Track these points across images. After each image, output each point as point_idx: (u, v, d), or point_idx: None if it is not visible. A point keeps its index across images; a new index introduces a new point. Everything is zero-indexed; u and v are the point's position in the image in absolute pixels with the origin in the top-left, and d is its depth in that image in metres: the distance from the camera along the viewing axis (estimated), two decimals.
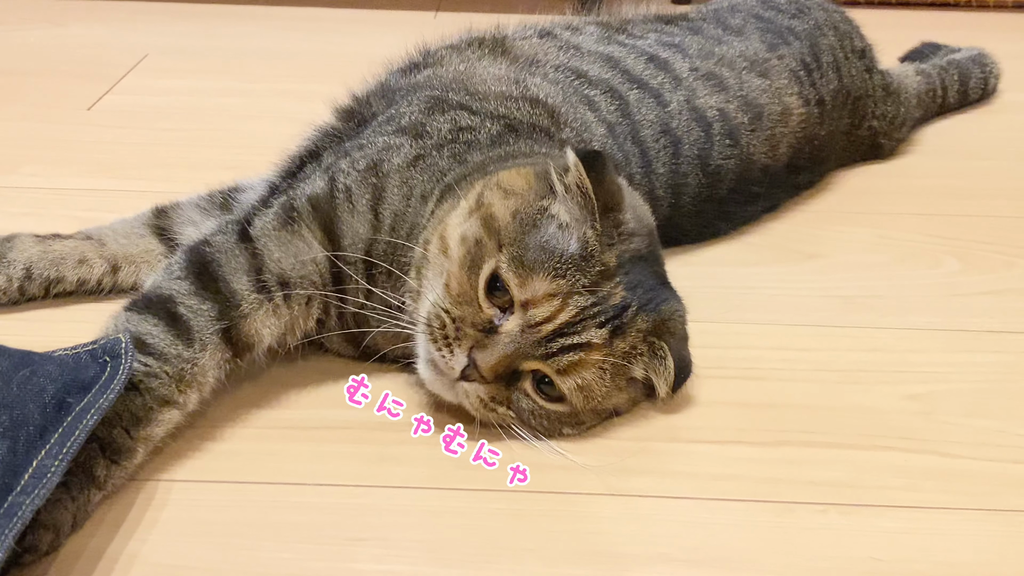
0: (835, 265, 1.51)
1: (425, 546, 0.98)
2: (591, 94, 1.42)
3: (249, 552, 0.96)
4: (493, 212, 1.09)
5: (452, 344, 1.06)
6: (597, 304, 1.05)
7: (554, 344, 1.04)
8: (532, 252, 1.05)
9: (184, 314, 1.08)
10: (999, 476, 1.09)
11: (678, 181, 1.44)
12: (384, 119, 1.31)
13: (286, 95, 2.03)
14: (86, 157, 1.75)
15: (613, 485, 1.06)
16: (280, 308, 1.12)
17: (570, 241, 1.06)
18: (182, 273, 1.12)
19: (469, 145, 1.23)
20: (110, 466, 0.98)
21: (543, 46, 1.51)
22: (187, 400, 1.05)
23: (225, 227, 1.18)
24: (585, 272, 1.05)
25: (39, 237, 1.33)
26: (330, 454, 1.09)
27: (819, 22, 1.69)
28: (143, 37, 2.40)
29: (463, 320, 1.05)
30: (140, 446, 1.01)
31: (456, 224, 1.10)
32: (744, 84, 1.53)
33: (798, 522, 1.02)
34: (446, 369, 1.07)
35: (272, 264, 1.13)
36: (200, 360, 1.06)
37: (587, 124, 1.37)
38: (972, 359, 1.29)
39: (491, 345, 1.04)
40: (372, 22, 2.63)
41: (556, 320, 1.04)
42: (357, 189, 1.18)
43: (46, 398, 0.91)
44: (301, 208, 1.17)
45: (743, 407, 1.18)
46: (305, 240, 1.15)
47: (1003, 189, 1.76)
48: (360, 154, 1.23)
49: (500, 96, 1.34)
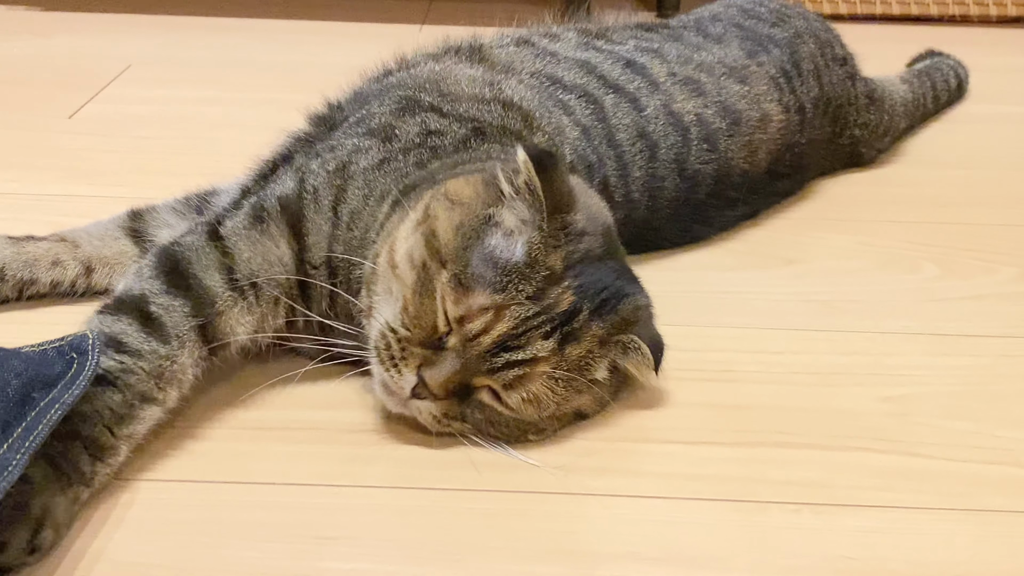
0: (814, 271, 1.51)
1: (394, 544, 0.97)
2: (566, 98, 1.41)
3: (215, 551, 0.95)
4: (435, 228, 1.07)
5: (399, 364, 1.05)
6: (541, 313, 1.03)
7: (499, 359, 1.03)
8: (473, 266, 1.03)
9: (157, 312, 1.08)
10: (973, 477, 1.08)
11: (655, 184, 1.43)
12: (356, 120, 1.31)
13: (269, 104, 2.00)
14: (65, 164, 1.74)
15: (584, 485, 1.05)
16: (253, 306, 1.12)
17: (515, 249, 1.04)
18: (153, 273, 1.12)
19: (435, 150, 1.23)
20: (94, 463, 0.98)
21: (520, 54, 1.51)
22: (167, 397, 1.05)
23: (195, 228, 1.19)
24: (529, 279, 1.03)
25: (13, 239, 1.32)
26: (300, 454, 1.08)
27: (799, 30, 1.69)
28: (127, 48, 2.39)
29: (409, 340, 1.04)
30: (123, 444, 1.01)
31: (403, 237, 1.09)
32: (722, 90, 1.53)
33: (770, 521, 1.01)
34: (396, 389, 1.06)
35: (242, 264, 1.13)
36: (179, 357, 1.06)
37: (561, 128, 1.36)
38: (949, 362, 1.29)
39: (439, 362, 1.03)
40: (357, 35, 2.63)
41: (493, 332, 1.02)
42: (323, 190, 1.19)
43: (10, 392, 0.90)
44: (271, 208, 1.17)
45: (717, 408, 1.18)
46: (273, 239, 1.16)
47: (983, 197, 1.76)
48: (330, 155, 1.23)
49: (473, 98, 1.34)
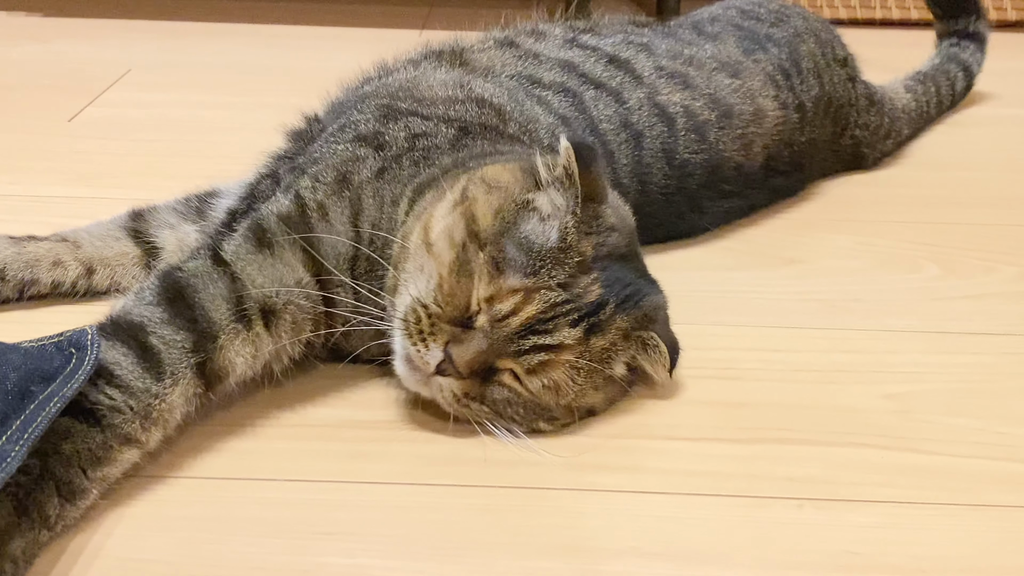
0: (815, 270, 1.50)
1: (395, 540, 0.96)
2: (543, 95, 1.42)
3: (215, 546, 0.95)
4: (475, 211, 1.08)
5: (427, 339, 1.05)
6: (570, 301, 1.05)
7: (526, 342, 1.04)
8: (510, 249, 1.05)
9: (156, 345, 1.02)
10: (976, 472, 1.08)
11: (642, 171, 1.44)
12: (336, 128, 1.30)
13: (267, 108, 1.97)
14: (64, 166, 1.74)
15: (585, 481, 1.05)
16: (261, 337, 1.08)
17: (550, 233, 1.06)
18: (154, 299, 1.06)
19: (428, 150, 1.22)
20: (63, 506, 0.93)
21: (501, 56, 1.51)
22: (149, 439, 1.00)
23: (196, 253, 1.13)
24: (562, 264, 1.05)
25: (14, 239, 1.32)
26: (301, 451, 1.08)
27: (799, 30, 1.70)
28: (126, 53, 2.39)
29: (440, 316, 1.05)
30: (95, 487, 0.96)
31: (440, 216, 1.10)
32: (712, 83, 1.53)
33: (772, 516, 1.01)
34: (421, 364, 1.06)
35: (255, 291, 1.07)
36: (169, 396, 1.00)
37: (534, 117, 1.37)
38: (951, 360, 1.28)
39: (467, 340, 1.04)
40: (358, 39, 2.63)
41: (521, 314, 1.03)
42: (331, 203, 1.16)
43: (8, 386, 0.90)
44: (273, 228, 1.13)
45: (719, 406, 1.18)
46: (287, 263, 1.11)
47: (984, 198, 1.76)
48: (320, 167, 1.20)
49: (447, 100, 1.34)
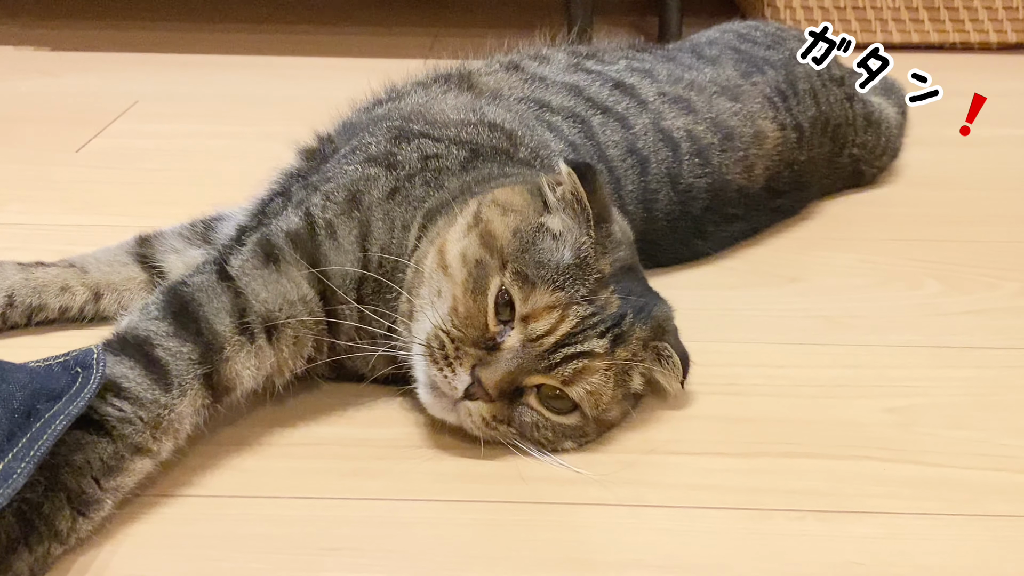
0: (816, 288, 1.51)
1: (399, 555, 0.97)
2: (553, 120, 1.44)
3: (219, 563, 0.95)
4: (492, 229, 1.10)
5: (453, 363, 1.05)
6: (596, 314, 1.06)
7: (556, 355, 1.05)
8: (533, 267, 1.06)
9: (162, 357, 1.02)
10: (978, 483, 1.08)
11: (648, 197, 1.45)
12: (349, 150, 1.31)
13: (272, 138, 1.98)
14: (72, 196, 1.76)
15: (589, 495, 1.05)
16: (264, 350, 1.08)
17: (564, 251, 1.08)
18: (159, 314, 1.07)
19: (439, 172, 1.24)
20: (76, 518, 0.94)
21: (508, 79, 1.53)
22: (161, 448, 1.00)
23: (202, 267, 1.14)
24: (583, 281, 1.07)
25: (22, 265, 1.33)
26: (305, 469, 1.09)
27: (795, 52, 1.71)
28: (134, 85, 2.41)
29: (463, 340, 1.05)
30: (109, 497, 0.96)
31: (455, 240, 1.11)
32: (714, 107, 1.55)
33: (775, 529, 1.01)
34: (448, 390, 1.06)
35: (258, 305, 1.08)
36: (178, 406, 1.01)
37: (544, 143, 1.38)
38: (952, 374, 1.29)
39: (494, 362, 1.04)
40: (362, 69, 2.60)
41: (557, 332, 1.05)
42: (340, 223, 1.17)
43: (15, 404, 0.90)
44: (281, 245, 1.14)
45: (722, 421, 1.18)
46: (292, 279, 1.12)
47: (985, 216, 1.77)
48: (331, 186, 1.22)
49: (459, 123, 1.36)
